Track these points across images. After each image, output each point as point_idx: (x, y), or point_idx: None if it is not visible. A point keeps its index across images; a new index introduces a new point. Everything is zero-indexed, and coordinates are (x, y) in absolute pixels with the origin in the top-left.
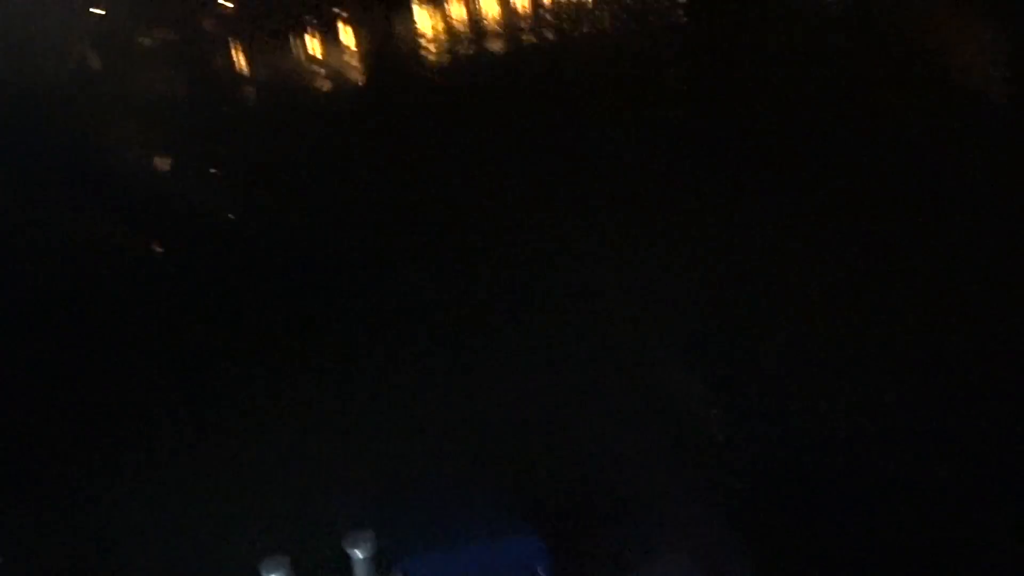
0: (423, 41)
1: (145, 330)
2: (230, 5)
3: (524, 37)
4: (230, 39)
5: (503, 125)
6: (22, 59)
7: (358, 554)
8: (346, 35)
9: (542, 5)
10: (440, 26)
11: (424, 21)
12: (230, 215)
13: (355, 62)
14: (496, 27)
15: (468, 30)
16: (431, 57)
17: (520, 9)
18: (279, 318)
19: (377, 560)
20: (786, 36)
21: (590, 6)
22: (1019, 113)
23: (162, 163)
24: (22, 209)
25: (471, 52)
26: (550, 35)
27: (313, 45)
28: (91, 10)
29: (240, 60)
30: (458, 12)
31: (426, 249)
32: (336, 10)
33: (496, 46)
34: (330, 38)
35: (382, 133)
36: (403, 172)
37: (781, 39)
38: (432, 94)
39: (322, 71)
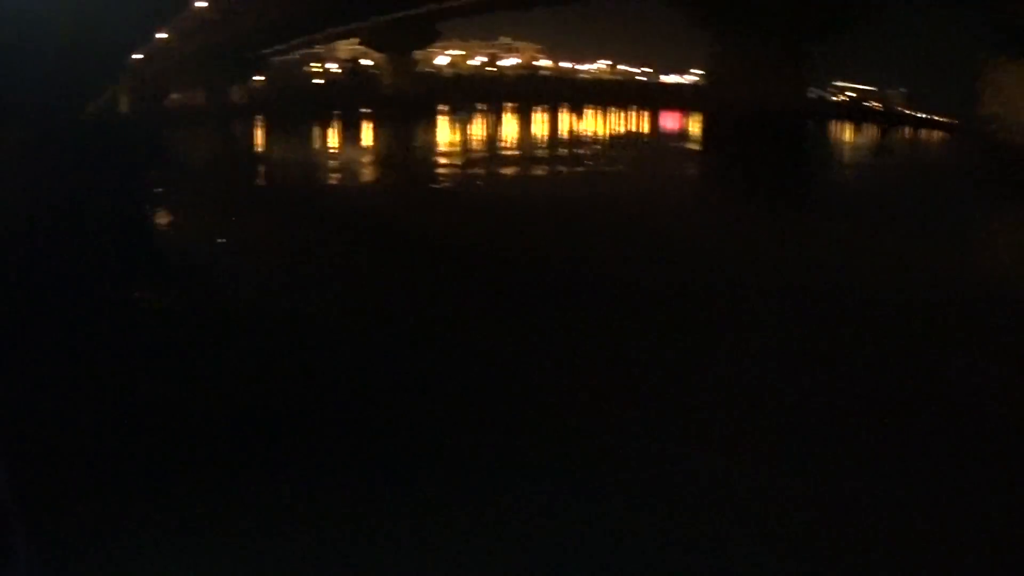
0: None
1: None
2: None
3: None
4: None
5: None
6: None
7: None
8: (367, 133)
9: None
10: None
11: (444, 134)
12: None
13: (369, 160)
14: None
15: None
16: (443, 170)
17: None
18: None
19: None
20: None
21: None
22: None
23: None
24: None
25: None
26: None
27: (333, 137)
28: None
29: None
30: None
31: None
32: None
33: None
34: (351, 133)
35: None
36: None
37: None
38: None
39: (337, 162)
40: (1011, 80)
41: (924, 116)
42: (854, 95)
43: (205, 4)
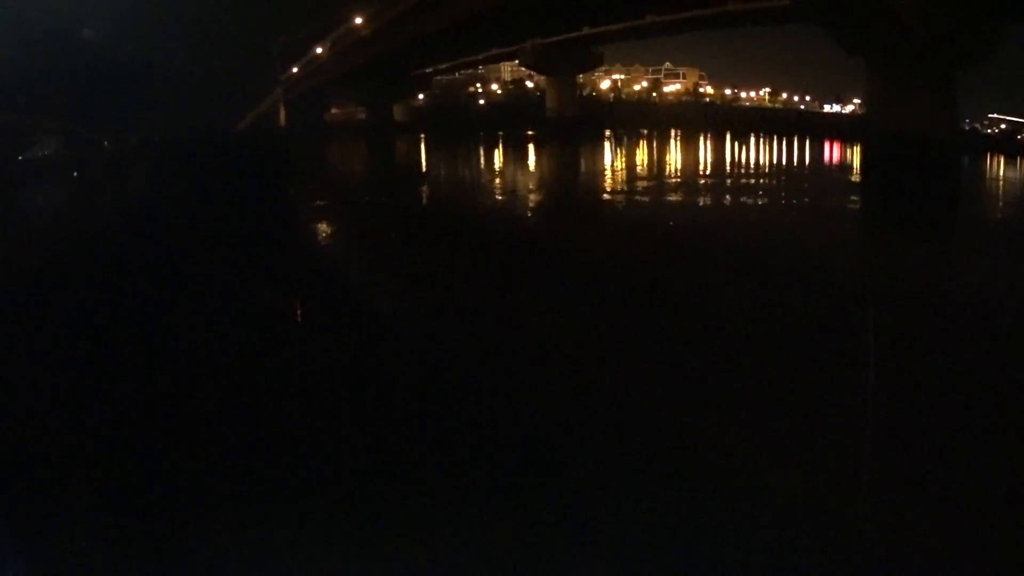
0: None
1: None
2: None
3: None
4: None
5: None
6: None
7: None
8: (529, 154)
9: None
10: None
11: (606, 158)
12: None
13: (531, 181)
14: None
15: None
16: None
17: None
18: None
19: None
20: None
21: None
22: None
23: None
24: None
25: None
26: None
27: (495, 156)
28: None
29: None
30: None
31: None
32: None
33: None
34: (514, 154)
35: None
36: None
37: None
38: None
39: (499, 182)
40: None
41: None
42: (1006, 127)
43: (362, 21)
